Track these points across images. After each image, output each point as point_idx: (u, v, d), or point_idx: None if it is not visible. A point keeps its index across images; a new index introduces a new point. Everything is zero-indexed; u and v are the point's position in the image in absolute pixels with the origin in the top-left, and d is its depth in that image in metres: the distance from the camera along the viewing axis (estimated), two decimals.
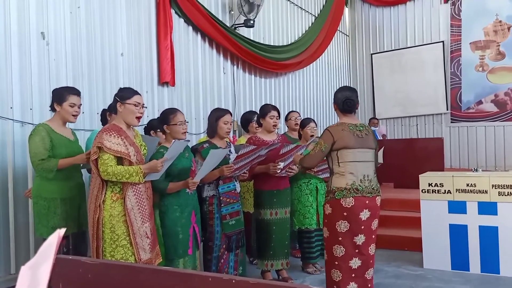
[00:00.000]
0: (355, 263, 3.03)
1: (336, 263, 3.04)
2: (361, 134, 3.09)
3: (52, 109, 3.13)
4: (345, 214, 2.99)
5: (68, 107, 3.06)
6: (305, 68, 8.45)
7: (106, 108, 3.64)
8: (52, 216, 3.01)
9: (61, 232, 0.94)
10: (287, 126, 4.83)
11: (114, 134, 2.70)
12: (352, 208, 2.99)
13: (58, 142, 3.04)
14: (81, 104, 3.17)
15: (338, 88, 3.40)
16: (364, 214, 3.02)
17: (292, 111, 4.93)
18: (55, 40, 4.14)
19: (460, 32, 9.19)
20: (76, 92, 3.13)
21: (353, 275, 3.04)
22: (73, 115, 3.10)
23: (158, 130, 3.60)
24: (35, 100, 3.92)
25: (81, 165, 3.27)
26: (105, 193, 2.72)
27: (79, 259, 1.25)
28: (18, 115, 3.79)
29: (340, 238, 3.01)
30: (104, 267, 1.24)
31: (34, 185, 3.11)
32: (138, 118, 2.84)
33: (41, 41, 4.01)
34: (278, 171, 3.75)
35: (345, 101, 3.13)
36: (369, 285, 3.12)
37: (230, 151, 3.59)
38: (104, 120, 3.62)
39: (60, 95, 3.07)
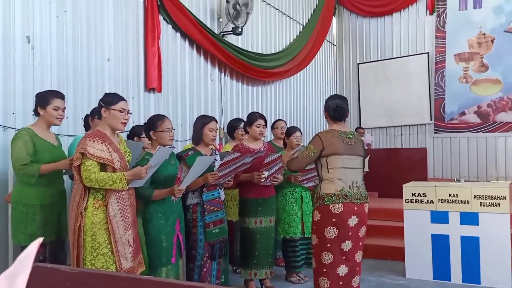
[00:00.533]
0: (343, 270, 3.05)
1: (324, 270, 3.05)
2: (351, 141, 3.14)
3: (36, 113, 3.09)
4: (334, 220, 3.01)
5: (52, 111, 3.03)
6: (292, 76, 8.50)
7: (89, 113, 3.61)
8: (31, 222, 2.96)
9: (40, 240, 0.93)
10: (273, 135, 4.85)
11: (98, 140, 2.68)
12: (341, 214, 3.01)
13: (41, 147, 3.00)
14: (65, 108, 3.14)
15: (328, 96, 3.46)
16: (352, 221, 3.04)
17: (279, 120, 4.96)
18: (40, 44, 4.09)
19: (445, 44, 9.35)
20: (60, 96, 3.10)
21: (340, 282, 3.06)
22: (58, 118, 3.07)
23: (142, 136, 3.58)
24: (18, 104, 3.87)
25: (64, 171, 3.23)
26: (87, 200, 2.68)
27: (57, 267, 1.23)
28: (0, 119, 3.73)
29: (328, 245, 3.03)
30: (83, 275, 1.22)
31: (14, 190, 3.06)
32: (123, 124, 2.82)
33: (26, 45, 3.97)
34: (262, 180, 3.75)
35: (336, 108, 3.18)
36: None
37: (215, 158, 3.59)
38: (87, 126, 3.58)
39: (44, 99, 3.04)
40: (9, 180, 3.72)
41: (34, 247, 0.96)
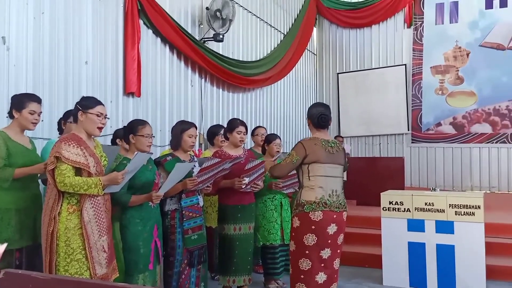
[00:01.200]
0: (321, 277, 3.05)
1: (302, 276, 3.05)
2: (332, 150, 3.16)
3: (10, 116, 3.00)
4: (313, 227, 3.02)
5: (28, 115, 2.95)
6: (273, 84, 8.54)
7: (62, 116, 3.53)
8: (6, 227, 2.85)
9: (2, 247, 0.90)
10: (254, 141, 4.84)
11: (73, 144, 2.62)
12: (320, 221, 3.02)
13: (15, 150, 2.91)
14: (41, 112, 3.07)
15: (310, 104, 3.47)
16: (332, 229, 3.06)
17: (259, 127, 4.96)
18: (16, 45, 4.00)
19: (422, 56, 9.55)
20: (37, 99, 3.03)
21: None
22: (33, 123, 2.99)
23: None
24: None
25: (38, 175, 3.15)
26: (61, 205, 2.61)
27: (29, 273, 1.19)
28: None
29: (307, 252, 3.03)
30: (56, 282, 1.18)
31: None
32: (100, 128, 2.77)
33: (2, 45, 3.87)
34: (243, 186, 3.73)
35: (320, 116, 3.20)
36: None
37: (194, 165, 3.55)
38: (61, 130, 3.50)
39: (20, 102, 2.96)
40: None
41: None
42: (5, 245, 0.92)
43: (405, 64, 9.70)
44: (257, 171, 3.73)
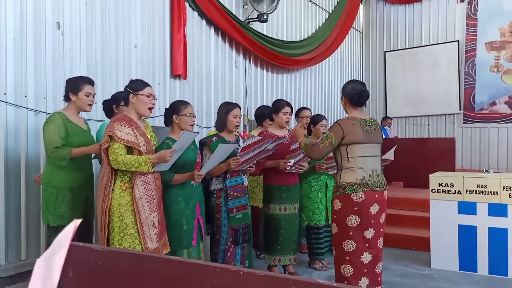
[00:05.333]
0: (366, 257, 3.04)
1: (347, 258, 3.04)
2: (370, 129, 3.08)
3: (66, 98, 3.15)
4: (355, 208, 2.99)
5: (84, 97, 3.09)
6: (317, 64, 8.42)
7: (109, 99, 3.61)
8: (60, 204, 3.04)
9: (77, 222, 0.97)
10: (298, 123, 4.81)
11: (125, 124, 2.73)
12: (363, 202, 2.99)
13: (72, 131, 3.07)
14: (95, 94, 3.21)
15: (346, 81, 3.34)
16: (374, 208, 3.03)
17: (304, 108, 4.90)
18: (70, 30, 4.17)
19: (476, 32, 9.07)
20: (91, 82, 3.17)
21: (365, 270, 3.05)
22: (89, 105, 3.13)
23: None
24: (49, 89, 3.97)
25: (93, 155, 3.31)
26: (115, 182, 2.74)
27: (89, 246, 1.27)
28: (32, 103, 3.84)
29: (350, 233, 3.01)
30: (113, 254, 1.25)
31: (45, 172, 3.15)
32: (150, 109, 2.87)
33: (56, 31, 4.05)
34: (288, 168, 3.75)
35: (360, 93, 3.08)
36: (379, 279, 3.13)
37: (239, 145, 3.59)
38: (106, 111, 3.61)
39: (76, 85, 3.11)
40: (41, 162, 3.84)
41: (70, 228, 1.00)
42: (79, 221, 0.99)
43: (458, 41, 9.25)
44: (302, 152, 3.72)
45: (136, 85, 2.85)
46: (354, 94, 3.09)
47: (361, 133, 3.03)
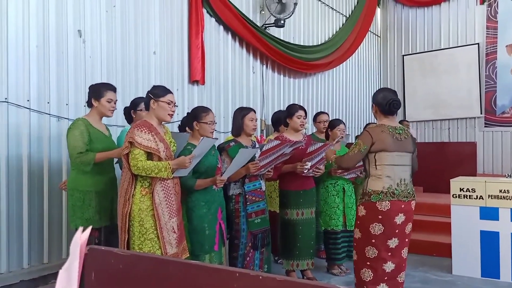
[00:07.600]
0: (389, 266, 3.00)
1: (368, 263, 3.01)
2: (400, 137, 3.04)
3: (89, 104, 3.22)
4: (380, 217, 2.95)
5: (106, 103, 3.15)
6: (334, 68, 8.39)
7: (129, 106, 3.69)
8: (87, 208, 3.10)
9: (86, 230, 1.01)
10: (315, 127, 4.80)
11: (145, 130, 2.77)
12: (388, 212, 2.95)
13: (95, 136, 3.13)
14: (117, 100, 3.26)
15: (376, 89, 3.32)
16: (399, 218, 2.98)
17: (321, 113, 4.88)
18: (91, 38, 4.26)
19: (496, 34, 8.91)
20: (113, 88, 3.23)
21: (385, 278, 3.01)
22: (110, 110, 3.19)
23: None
24: (71, 95, 4.05)
25: (115, 160, 3.36)
26: (135, 187, 2.79)
27: (111, 250, 1.29)
28: (55, 110, 3.92)
29: (373, 240, 2.98)
30: (134, 258, 1.27)
31: (70, 177, 3.21)
32: (170, 115, 2.91)
33: (78, 38, 4.14)
34: (305, 171, 3.74)
35: (392, 102, 3.06)
36: None
37: (257, 151, 3.61)
38: (127, 117, 3.68)
39: (98, 91, 3.17)
40: (63, 168, 3.91)
41: (78, 235, 1.04)
42: (89, 228, 1.04)
43: (478, 43, 9.09)
44: (319, 154, 3.72)
45: (158, 91, 2.89)
46: (386, 103, 3.07)
47: (390, 141, 2.99)
